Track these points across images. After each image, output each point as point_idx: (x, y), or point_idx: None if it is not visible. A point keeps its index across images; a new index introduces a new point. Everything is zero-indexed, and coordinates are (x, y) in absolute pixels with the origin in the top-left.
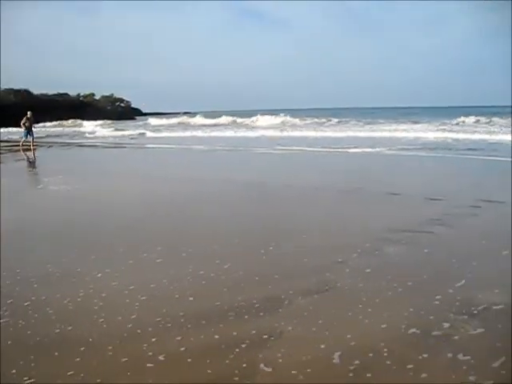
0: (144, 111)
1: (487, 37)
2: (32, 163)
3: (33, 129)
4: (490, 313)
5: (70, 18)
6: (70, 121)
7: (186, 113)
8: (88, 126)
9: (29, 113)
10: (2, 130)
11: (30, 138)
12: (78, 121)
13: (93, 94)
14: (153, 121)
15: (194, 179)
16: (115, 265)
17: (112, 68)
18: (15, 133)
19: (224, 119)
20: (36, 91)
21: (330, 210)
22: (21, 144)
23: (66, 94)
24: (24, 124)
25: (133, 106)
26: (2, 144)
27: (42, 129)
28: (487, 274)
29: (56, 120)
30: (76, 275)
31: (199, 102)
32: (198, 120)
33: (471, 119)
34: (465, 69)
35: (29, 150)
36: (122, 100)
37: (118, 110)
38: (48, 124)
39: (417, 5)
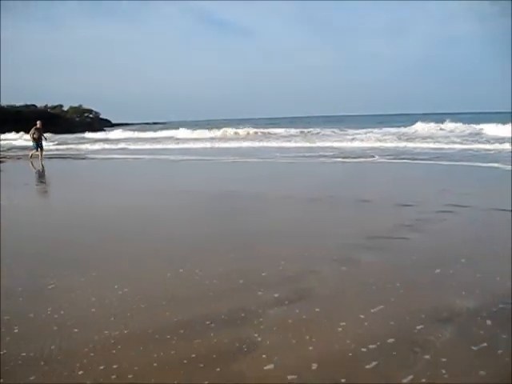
0: (113, 122)
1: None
2: (41, 175)
3: (43, 140)
4: (466, 318)
5: (33, 28)
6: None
7: (155, 123)
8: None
9: (38, 122)
10: None
11: (37, 152)
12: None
13: (61, 106)
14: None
15: (153, 191)
16: (77, 279)
17: (80, 79)
18: None
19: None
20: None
21: (302, 218)
22: (30, 155)
23: (34, 105)
24: (33, 135)
25: (102, 116)
26: None
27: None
28: (462, 279)
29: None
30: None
31: (169, 112)
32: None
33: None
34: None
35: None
36: (90, 111)
37: (87, 121)
38: (10, 136)
39: (379, 11)
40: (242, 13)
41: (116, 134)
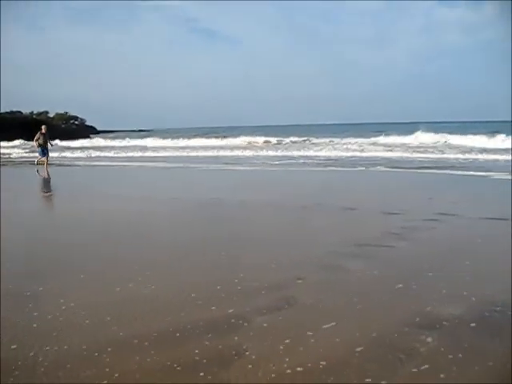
0: (99, 129)
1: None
2: (47, 183)
3: (48, 145)
4: (451, 326)
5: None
6: None
7: (141, 130)
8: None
9: (43, 127)
10: None
11: (43, 158)
12: None
13: (47, 112)
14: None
15: (137, 198)
16: (59, 286)
17: (66, 86)
18: None
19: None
20: None
21: (289, 226)
22: (36, 162)
23: (19, 111)
24: (37, 140)
25: (87, 123)
26: None
27: None
28: (448, 287)
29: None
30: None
31: (156, 120)
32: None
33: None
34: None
35: (41, 165)
36: (76, 118)
37: (72, 128)
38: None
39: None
40: (229, 21)
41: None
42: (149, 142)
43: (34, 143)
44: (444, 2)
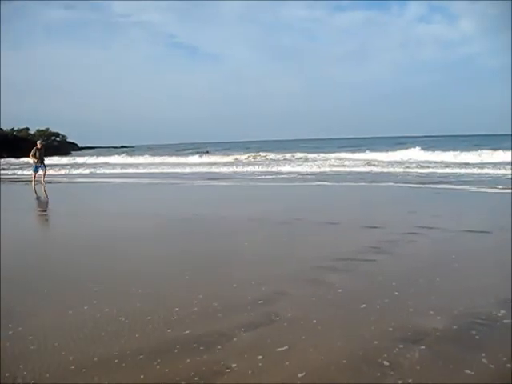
0: (80, 145)
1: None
2: (42, 202)
3: (44, 161)
4: (433, 338)
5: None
6: None
7: (123, 146)
8: None
9: (39, 142)
10: None
11: (41, 172)
12: None
13: (27, 129)
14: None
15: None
16: (44, 304)
17: (46, 103)
18: None
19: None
20: None
21: (271, 241)
22: (33, 179)
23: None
24: (34, 155)
25: (69, 140)
26: None
27: None
28: (429, 299)
29: None
30: None
31: (138, 136)
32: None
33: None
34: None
35: (40, 183)
36: (57, 134)
37: (54, 145)
38: None
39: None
40: (210, 39)
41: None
42: (133, 159)
43: (31, 159)
44: (421, 18)
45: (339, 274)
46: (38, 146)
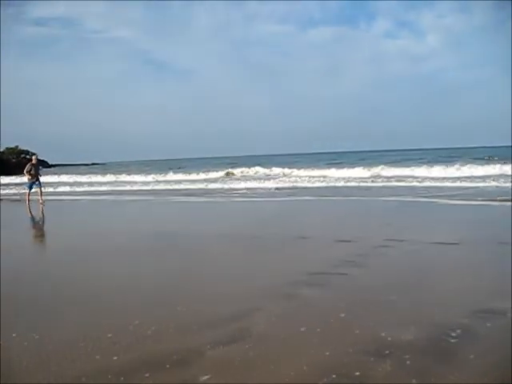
0: (51, 163)
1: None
2: (37, 223)
3: (39, 177)
4: (405, 351)
5: None
6: None
7: (94, 164)
8: None
9: (34, 157)
10: None
11: (36, 189)
12: None
13: None
14: None
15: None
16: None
17: (15, 121)
18: None
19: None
20: None
21: (243, 256)
22: (27, 197)
23: None
24: (29, 172)
25: (39, 157)
26: None
27: None
28: (402, 312)
29: None
30: None
31: (108, 153)
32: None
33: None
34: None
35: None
36: (27, 152)
37: (24, 163)
38: None
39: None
40: (182, 55)
41: None
42: (105, 177)
43: (25, 176)
44: (387, 33)
45: (312, 288)
46: (33, 161)
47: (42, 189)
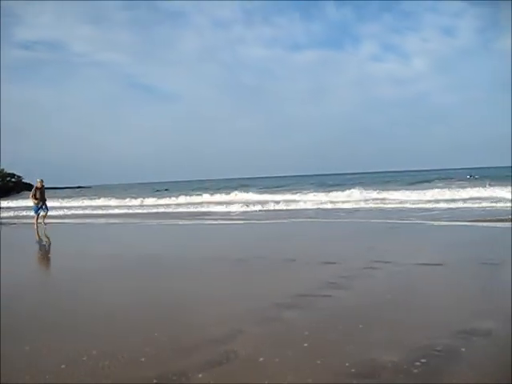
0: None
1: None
2: (43, 248)
3: (46, 201)
4: (389, 372)
5: None
6: None
7: (79, 187)
8: None
9: (39, 181)
10: None
11: (42, 213)
12: None
13: None
14: None
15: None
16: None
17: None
18: None
19: None
20: None
21: (227, 279)
22: (35, 222)
23: None
24: (34, 196)
25: (25, 181)
26: None
27: None
28: (387, 334)
29: None
30: None
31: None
32: None
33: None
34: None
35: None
36: (12, 175)
37: (10, 186)
38: None
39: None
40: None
41: None
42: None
43: (31, 200)
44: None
45: (296, 311)
46: (38, 185)
47: (48, 213)
